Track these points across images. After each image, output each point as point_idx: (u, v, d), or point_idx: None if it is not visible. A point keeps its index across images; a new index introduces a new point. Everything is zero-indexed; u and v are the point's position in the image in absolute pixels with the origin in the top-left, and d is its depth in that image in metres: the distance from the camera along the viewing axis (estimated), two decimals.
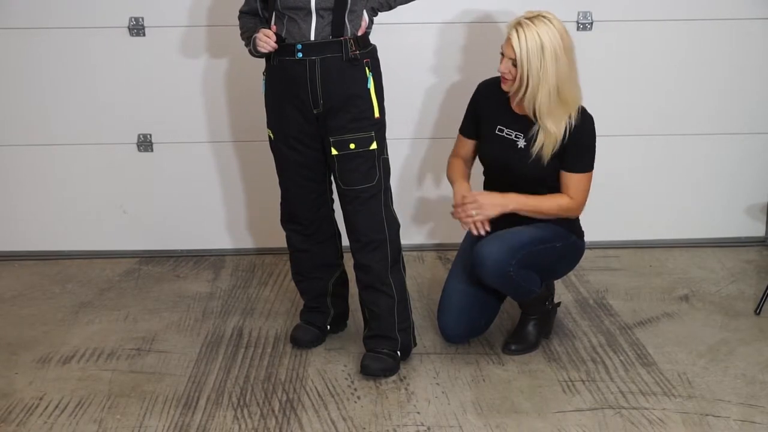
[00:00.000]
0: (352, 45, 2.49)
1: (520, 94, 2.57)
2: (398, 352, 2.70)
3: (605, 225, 3.72)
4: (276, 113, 2.61)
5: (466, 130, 2.83)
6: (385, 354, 2.67)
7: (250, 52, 2.56)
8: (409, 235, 3.67)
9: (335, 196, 2.74)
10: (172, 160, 3.61)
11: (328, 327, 2.91)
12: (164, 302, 3.25)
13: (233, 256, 3.71)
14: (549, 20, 2.51)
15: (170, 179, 3.63)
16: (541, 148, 2.61)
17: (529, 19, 2.52)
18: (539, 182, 2.67)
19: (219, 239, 3.72)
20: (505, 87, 2.63)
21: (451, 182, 2.79)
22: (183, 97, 3.52)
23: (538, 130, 2.61)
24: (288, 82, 2.53)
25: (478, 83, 2.81)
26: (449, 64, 3.50)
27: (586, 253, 3.65)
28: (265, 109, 2.66)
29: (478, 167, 2.88)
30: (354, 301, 2.92)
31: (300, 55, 2.49)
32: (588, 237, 3.67)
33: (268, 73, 2.60)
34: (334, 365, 2.75)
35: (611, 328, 2.98)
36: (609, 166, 3.63)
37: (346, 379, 2.66)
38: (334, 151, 2.56)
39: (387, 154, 2.64)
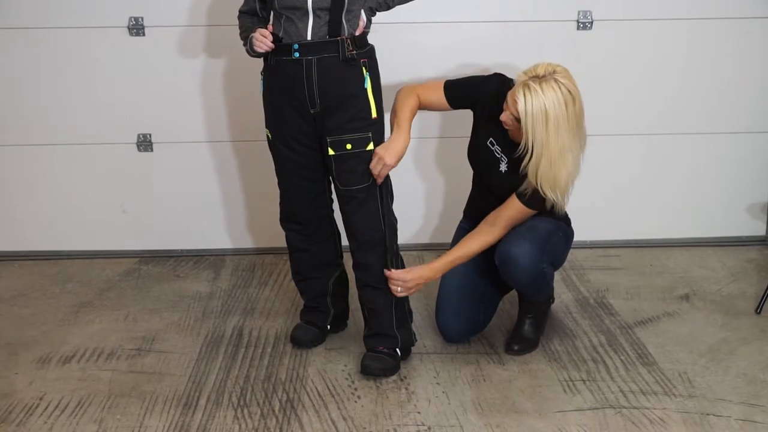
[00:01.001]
0: (349, 45, 2.49)
1: (525, 162, 2.53)
2: (398, 351, 2.70)
3: (606, 224, 3.72)
4: (274, 113, 2.61)
5: (453, 94, 2.70)
6: (385, 353, 2.67)
7: (248, 51, 2.56)
8: (409, 235, 3.67)
9: (334, 195, 2.73)
10: (172, 159, 3.60)
11: (328, 327, 2.91)
12: (164, 302, 3.25)
13: (233, 255, 3.70)
14: (558, 84, 2.44)
15: (170, 179, 3.63)
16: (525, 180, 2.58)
17: (539, 82, 2.44)
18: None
19: (219, 239, 3.71)
20: (508, 131, 2.62)
21: (396, 119, 2.60)
22: (183, 96, 3.52)
23: (526, 162, 2.53)
24: (285, 82, 2.53)
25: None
26: (449, 64, 3.49)
27: (587, 252, 3.68)
28: (263, 109, 2.65)
29: (466, 171, 2.86)
30: (354, 300, 2.91)
31: (297, 54, 2.49)
32: (588, 236, 3.70)
33: (266, 73, 2.60)
34: (334, 365, 2.75)
35: (612, 327, 2.98)
36: (609, 165, 3.64)
37: (347, 378, 2.66)
38: (330, 152, 2.56)
39: None
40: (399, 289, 2.65)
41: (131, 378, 2.68)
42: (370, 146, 2.57)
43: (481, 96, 2.70)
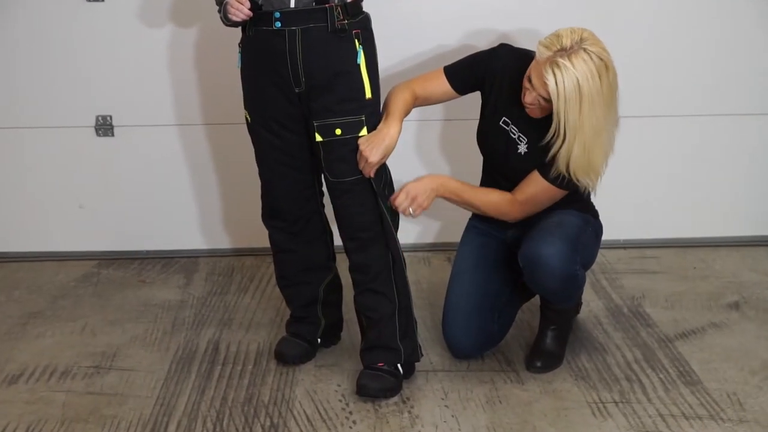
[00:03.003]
0: (339, 13, 2.48)
1: (555, 149, 2.54)
2: (400, 368, 2.70)
3: (641, 221, 3.72)
4: (253, 92, 2.61)
5: (458, 77, 2.73)
6: (385, 371, 2.67)
7: (222, 20, 2.55)
8: (413, 234, 3.66)
9: (325, 188, 2.73)
10: (136, 145, 3.60)
11: (319, 340, 2.91)
12: (127, 312, 3.25)
13: (208, 257, 3.71)
14: (589, 54, 2.44)
15: (134, 168, 3.63)
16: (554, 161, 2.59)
17: (568, 55, 2.45)
18: None
19: (191, 238, 3.72)
20: (528, 112, 2.62)
21: (385, 112, 2.63)
22: (148, 72, 3.52)
23: (556, 149, 2.54)
24: (266, 56, 2.53)
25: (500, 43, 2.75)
26: (453, 35, 3.49)
27: (620, 253, 3.68)
28: (241, 87, 2.65)
29: (475, 158, 2.86)
30: (349, 309, 2.91)
31: (279, 24, 2.48)
32: (621, 234, 3.71)
33: (244, 45, 2.59)
34: (325, 384, 2.75)
35: (649, 340, 2.98)
36: (645, 151, 3.64)
37: (340, 400, 2.66)
38: (318, 137, 2.56)
39: None
40: (411, 209, 2.64)
41: (89, 400, 2.68)
42: (364, 131, 2.56)
43: (489, 72, 2.71)
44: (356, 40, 2.53)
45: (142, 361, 2.90)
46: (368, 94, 2.56)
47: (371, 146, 2.53)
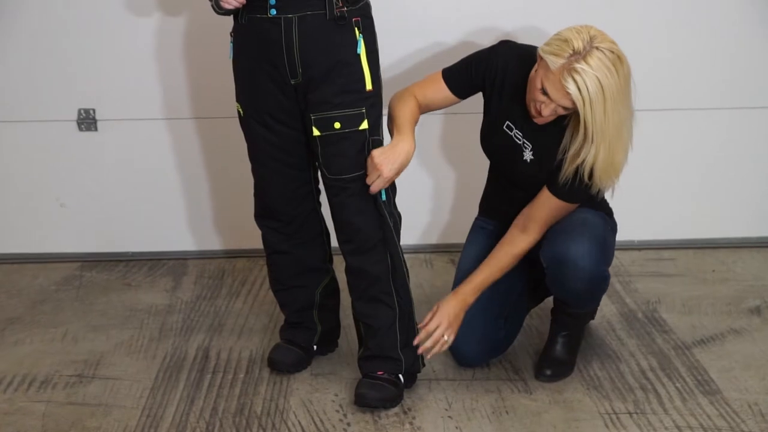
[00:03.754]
0: (338, 0, 2.49)
1: (581, 158, 2.53)
2: (401, 377, 2.70)
3: (657, 220, 3.72)
4: (246, 84, 2.61)
5: (454, 81, 2.73)
6: (385, 380, 2.68)
7: (214, 7, 2.55)
8: (415, 234, 3.66)
9: (321, 186, 2.73)
10: (121, 141, 3.60)
11: (315, 347, 2.91)
12: (112, 317, 3.25)
13: (197, 259, 3.71)
14: (602, 52, 2.44)
15: (119, 165, 3.63)
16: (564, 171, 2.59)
17: (583, 58, 2.43)
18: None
19: (179, 239, 3.72)
20: (536, 120, 2.61)
21: (395, 124, 2.64)
22: (134, 62, 3.52)
23: (582, 158, 2.54)
24: (260, 46, 2.53)
25: (499, 41, 2.75)
26: (459, 24, 3.49)
27: (634, 254, 3.68)
28: (233, 78, 2.65)
29: (481, 153, 2.87)
30: (347, 315, 2.91)
31: (274, 12, 2.48)
32: (636, 234, 3.71)
33: (236, 34, 2.60)
34: (322, 394, 2.75)
35: (665, 348, 2.98)
36: (661, 146, 3.64)
37: (338, 411, 2.66)
38: (316, 132, 2.56)
39: (382, 135, 2.64)
40: (445, 336, 2.70)
41: (70, 411, 2.68)
42: (364, 125, 2.57)
43: (489, 72, 2.69)
44: (356, 29, 2.53)
45: (128, 369, 2.90)
46: (369, 86, 2.57)
47: (387, 160, 2.55)
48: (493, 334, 2.84)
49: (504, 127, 2.71)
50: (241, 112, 2.66)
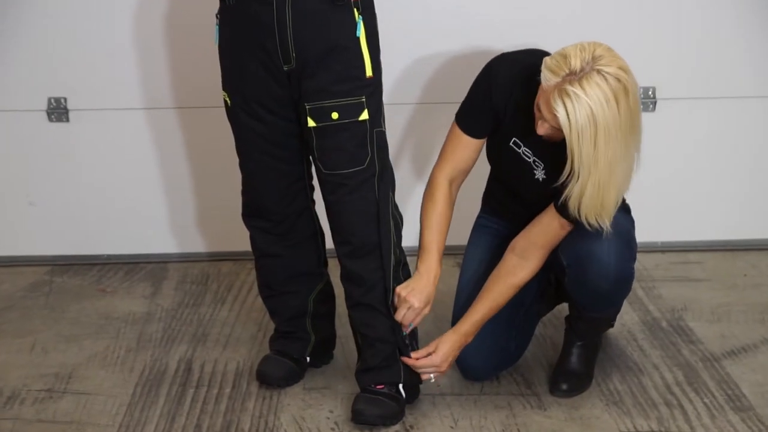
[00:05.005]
0: None
1: (569, 189, 2.49)
2: (402, 391, 2.71)
3: (682, 220, 3.73)
4: (233, 70, 2.61)
5: (473, 125, 2.69)
6: (385, 394, 2.68)
7: None
8: (413, 235, 3.65)
9: (316, 182, 2.74)
10: (95, 132, 3.61)
11: (308, 359, 2.92)
12: (85, 326, 3.25)
13: (178, 263, 3.72)
14: (603, 77, 2.37)
15: (93, 159, 3.63)
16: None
17: (579, 81, 2.37)
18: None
19: (159, 240, 3.73)
20: (544, 138, 2.57)
21: (420, 244, 2.71)
22: (109, 47, 3.52)
23: (570, 189, 2.49)
24: (249, 28, 2.53)
25: (488, 58, 2.69)
26: (466, 2, 3.50)
27: (657, 257, 3.68)
28: (219, 64, 2.65)
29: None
30: (343, 323, 2.92)
31: None
32: (660, 236, 3.71)
33: (223, 16, 2.60)
34: (315, 410, 2.75)
35: (692, 359, 2.99)
36: (685, 140, 3.64)
37: (333, 429, 2.67)
38: (311, 123, 2.56)
39: (383, 126, 2.64)
40: (432, 377, 2.72)
41: (40, 429, 2.68)
42: (364, 115, 2.57)
43: (495, 98, 2.64)
44: (355, 10, 2.53)
45: (103, 383, 2.90)
46: (369, 72, 2.57)
47: (414, 292, 2.62)
48: (503, 344, 2.85)
49: (510, 144, 2.70)
50: (228, 102, 2.67)
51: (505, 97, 2.64)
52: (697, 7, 3.52)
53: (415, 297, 2.62)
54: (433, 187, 2.75)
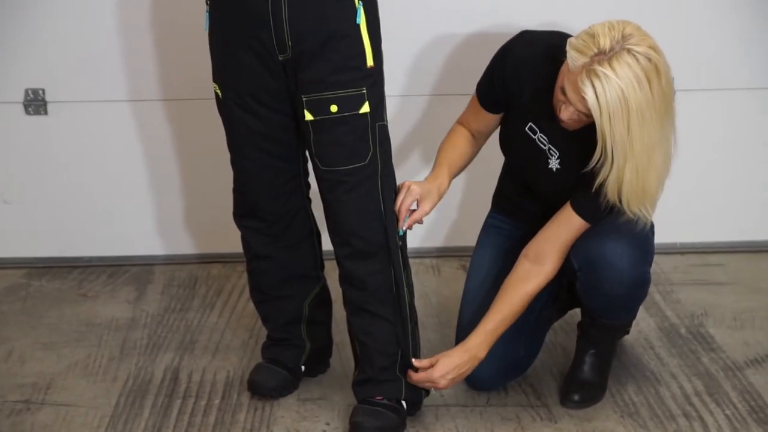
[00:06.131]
0: None
1: (602, 177, 2.49)
2: (403, 403, 2.72)
3: (703, 220, 3.73)
4: (225, 60, 2.61)
5: (486, 99, 2.77)
6: (385, 406, 2.69)
7: None
8: (419, 236, 3.67)
9: (312, 179, 2.75)
10: (76, 126, 3.61)
11: (303, 368, 2.92)
12: (65, 333, 3.26)
13: (165, 265, 3.72)
14: (634, 56, 2.38)
15: (73, 154, 3.64)
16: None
17: (608, 61, 2.38)
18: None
19: (144, 241, 3.73)
20: (562, 124, 2.59)
21: (435, 163, 2.80)
22: (91, 35, 3.52)
23: (603, 177, 2.50)
24: (241, 15, 2.53)
25: (504, 39, 2.72)
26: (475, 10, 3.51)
27: (676, 259, 3.68)
28: (210, 54, 2.66)
29: (494, 138, 2.89)
30: (340, 330, 2.92)
31: None
32: (678, 237, 3.71)
33: (213, 2, 2.60)
34: (311, 423, 2.76)
35: (712, 368, 3.00)
36: (706, 134, 3.64)
37: None
38: (308, 116, 2.57)
39: (386, 120, 2.64)
40: (433, 390, 2.75)
41: None
42: (365, 108, 2.57)
43: (509, 75, 2.67)
44: None
45: (84, 394, 2.91)
46: (370, 62, 2.57)
47: (416, 183, 2.66)
48: (511, 352, 2.85)
49: (526, 129, 2.71)
50: (219, 94, 2.67)
51: (521, 77, 2.66)
52: None
53: (416, 185, 2.64)
54: (453, 129, 2.83)
